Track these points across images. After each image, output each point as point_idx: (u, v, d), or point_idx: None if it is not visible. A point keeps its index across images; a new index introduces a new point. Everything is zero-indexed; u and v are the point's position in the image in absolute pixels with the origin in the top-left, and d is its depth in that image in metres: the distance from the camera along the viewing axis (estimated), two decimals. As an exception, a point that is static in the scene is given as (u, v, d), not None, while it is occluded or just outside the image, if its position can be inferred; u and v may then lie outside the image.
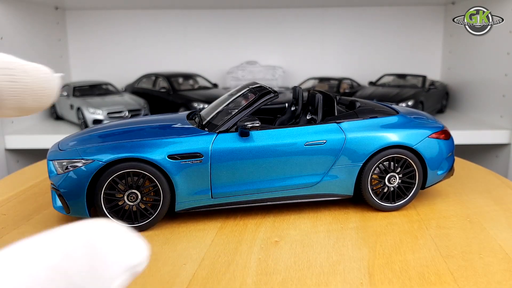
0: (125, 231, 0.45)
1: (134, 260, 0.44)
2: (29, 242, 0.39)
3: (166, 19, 3.80)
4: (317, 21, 3.79)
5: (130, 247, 0.44)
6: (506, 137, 2.72)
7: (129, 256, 0.43)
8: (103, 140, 1.40)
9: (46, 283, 0.36)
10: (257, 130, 1.39)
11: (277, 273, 1.10)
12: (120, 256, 0.43)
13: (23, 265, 0.37)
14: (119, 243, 0.43)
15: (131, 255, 0.43)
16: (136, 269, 0.44)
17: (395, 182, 1.48)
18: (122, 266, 0.42)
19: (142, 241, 0.45)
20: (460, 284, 1.05)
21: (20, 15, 3.06)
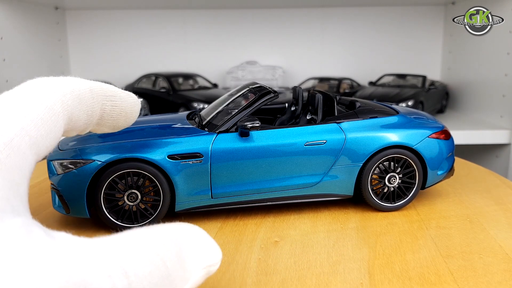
0: (205, 236, 0.57)
1: (211, 260, 0.54)
2: (135, 233, 0.53)
3: (166, 19, 3.80)
4: (317, 21, 3.79)
5: (208, 250, 0.54)
6: (506, 137, 2.72)
7: (207, 257, 0.53)
8: (103, 140, 1.40)
9: (150, 262, 0.48)
10: (257, 130, 1.39)
11: (277, 273, 1.10)
12: (200, 255, 0.53)
13: (136, 249, 0.49)
14: (200, 245, 0.54)
15: (208, 256, 0.54)
16: (211, 268, 0.54)
17: (395, 182, 1.48)
18: (201, 264, 0.53)
19: (217, 246, 0.56)
20: (460, 284, 1.05)
21: (20, 15, 3.06)
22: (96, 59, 3.83)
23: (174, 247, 0.52)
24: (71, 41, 3.79)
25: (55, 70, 3.58)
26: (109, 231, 1.35)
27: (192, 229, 0.56)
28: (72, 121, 0.61)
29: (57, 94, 0.59)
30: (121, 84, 3.68)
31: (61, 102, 0.58)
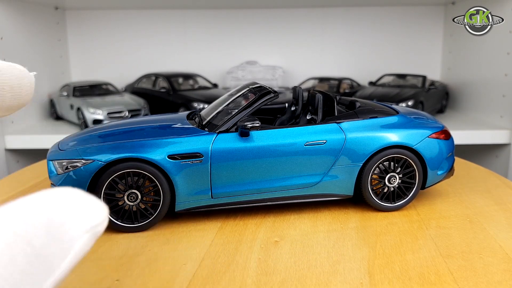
0: (82, 195, 0.47)
1: (93, 221, 0.45)
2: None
3: (166, 19, 3.80)
4: (317, 21, 3.79)
5: (88, 210, 0.46)
6: (506, 137, 2.72)
7: (88, 218, 0.45)
8: (103, 140, 1.40)
9: (8, 247, 0.39)
10: (257, 130, 1.39)
11: (277, 273, 1.10)
12: (78, 218, 0.44)
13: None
14: (76, 207, 0.45)
15: (90, 217, 0.45)
16: (97, 229, 0.46)
17: (395, 182, 1.48)
18: (82, 227, 0.44)
19: (100, 202, 0.47)
20: (460, 284, 1.05)
21: (20, 15, 3.06)
22: (96, 59, 3.83)
23: (40, 219, 0.43)
24: (71, 41, 3.79)
25: (55, 70, 3.58)
26: (109, 231, 1.36)
27: (62, 192, 0.46)
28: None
29: None
30: (121, 84, 3.67)
31: None
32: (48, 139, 2.67)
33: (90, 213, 0.45)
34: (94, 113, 2.85)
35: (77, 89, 3.16)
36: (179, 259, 1.18)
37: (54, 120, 3.32)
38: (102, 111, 2.85)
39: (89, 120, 2.84)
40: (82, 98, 3.03)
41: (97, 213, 0.46)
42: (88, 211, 0.45)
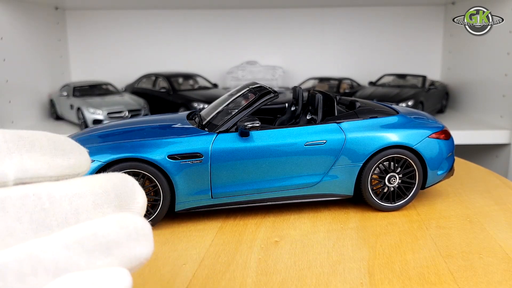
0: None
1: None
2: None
3: (166, 19, 3.80)
4: (317, 21, 3.79)
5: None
6: (506, 137, 2.72)
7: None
8: (103, 140, 1.40)
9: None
10: (257, 130, 1.39)
11: (277, 273, 1.10)
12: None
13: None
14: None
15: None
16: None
17: (395, 182, 1.48)
18: None
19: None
20: (460, 284, 1.05)
21: (20, 15, 3.06)
22: (96, 59, 3.83)
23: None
24: (71, 41, 3.79)
25: (55, 70, 3.58)
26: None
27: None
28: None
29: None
30: (121, 84, 3.67)
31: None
32: (48, 139, 2.66)
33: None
34: (94, 113, 2.85)
35: (77, 89, 3.16)
36: (179, 259, 1.18)
37: (54, 120, 3.32)
38: (102, 111, 2.85)
39: (89, 120, 2.84)
40: (82, 98, 3.03)
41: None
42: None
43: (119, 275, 0.44)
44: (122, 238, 0.45)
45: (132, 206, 0.49)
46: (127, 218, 0.46)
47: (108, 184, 0.48)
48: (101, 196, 0.47)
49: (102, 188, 0.47)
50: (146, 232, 0.46)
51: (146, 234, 0.46)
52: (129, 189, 0.49)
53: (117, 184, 0.48)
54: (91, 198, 0.46)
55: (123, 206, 0.48)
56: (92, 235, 0.43)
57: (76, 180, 0.47)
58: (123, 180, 0.49)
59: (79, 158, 0.49)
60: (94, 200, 0.46)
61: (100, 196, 0.47)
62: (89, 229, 0.43)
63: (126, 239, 0.45)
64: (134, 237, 0.45)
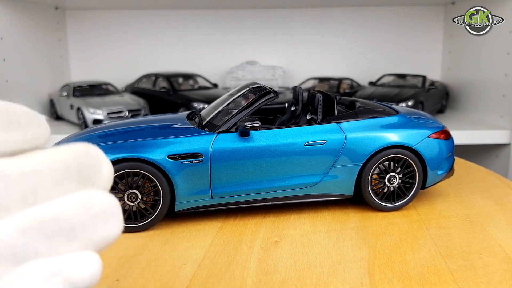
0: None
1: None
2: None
3: (166, 19, 3.80)
4: (317, 21, 3.79)
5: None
6: (506, 137, 2.72)
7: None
8: (103, 140, 1.40)
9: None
10: (257, 130, 1.39)
11: (277, 273, 1.10)
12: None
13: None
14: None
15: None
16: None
17: (395, 182, 1.48)
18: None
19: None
20: (460, 284, 1.05)
21: (20, 15, 3.06)
22: (96, 59, 3.83)
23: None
24: (71, 41, 3.79)
25: (55, 70, 3.58)
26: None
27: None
28: None
29: None
30: (121, 84, 3.67)
31: None
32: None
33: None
34: (94, 113, 2.85)
35: (77, 89, 3.16)
36: (179, 259, 1.18)
37: (54, 120, 3.32)
38: (102, 111, 2.85)
39: (89, 120, 2.84)
40: (82, 98, 3.03)
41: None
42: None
43: (87, 260, 0.40)
44: (86, 220, 0.41)
45: (97, 179, 0.45)
46: (92, 196, 0.42)
47: (69, 158, 0.43)
48: (62, 171, 0.42)
49: (63, 162, 0.43)
50: (114, 210, 0.43)
51: (113, 212, 0.43)
52: (92, 161, 0.45)
53: (79, 156, 0.44)
54: (50, 174, 0.42)
55: (87, 180, 0.44)
56: (52, 218, 0.39)
57: (33, 154, 0.43)
58: (85, 152, 0.45)
59: (36, 130, 0.44)
60: (54, 175, 0.42)
61: (60, 171, 0.42)
62: (48, 212, 0.39)
63: (91, 221, 0.41)
64: (100, 218, 0.41)
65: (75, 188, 0.43)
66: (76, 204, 0.41)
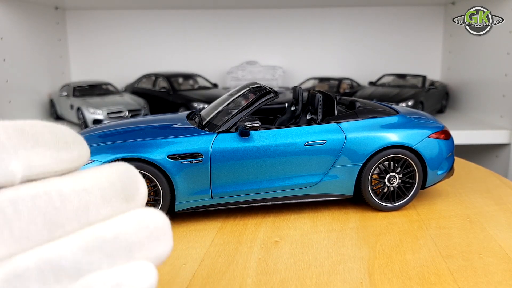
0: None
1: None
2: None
3: (166, 19, 3.80)
4: (317, 21, 3.79)
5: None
6: (506, 137, 2.72)
7: None
8: (103, 140, 1.40)
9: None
10: (257, 130, 1.39)
11: (277, 273, 1.10)
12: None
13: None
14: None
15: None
16: None
17: (395, 182, 1.48)
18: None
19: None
20: (460, 284, 1.05)
21: (20, 15, 3.06)
22: (96, 59, 3.83)
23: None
24: (71, 41, 3.79)
25: (55, 70, 3.58)
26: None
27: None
28: None
29: None
30: (121, 84, 3.67)
31: None
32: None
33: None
34: (94, 113, 2.85)
35: (77, 89, 3.16)
36: (179, 259, 1.18)
37: (54, 120, 3.32)
38: (102, 111, 2.85)
39: (89, 120, 2.84)
40: (82, 98, 3.03)
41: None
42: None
43: (145, 270, 0.42)
44: (143, 239, 0.43)
45: (137, 196, 0.48)
46: (147, 216, 0.44)
47: (114, 176, 0.47)
48: (108, 189, 0.45)
49: (108, 181, 0.46)
50: (166, 229, 0.45)
51: (166, 231, 0.45)
52: (132, 180, 0.48)
53: (121, 175, 0.47)
54: (99, 193, 0.44)
55: (129, 197, 0.47)
56: (113, 238, 0.41)
57: (81, 173, 0.45)
58: (126, 171, 0.48)
59: (80, 149, 0.47)
60: (102, 194, 0.45)
61: (107, 190, 0.45)
62: (109, 231, 0.42)
63: (147, 240, 0.43)
64: (155, 236, 0.44)
65: (120, 205, 0.46)
66: (133, 223, 0.43)
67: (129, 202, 0.47)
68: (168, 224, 0.45)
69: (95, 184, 0.45)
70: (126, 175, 0.48)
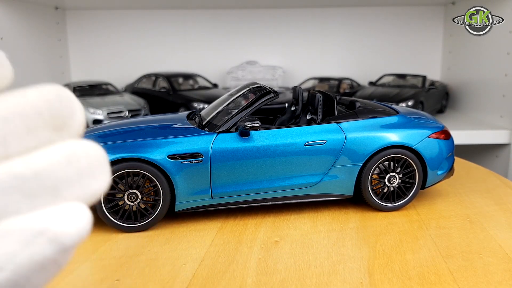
0: None
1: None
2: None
3: (166, 19, 3.80)
4: (317, 21, 3.79)
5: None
6: (506, 137, 2.72)
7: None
8: (103, 140, 1.40)
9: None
10: (257, 130, 1.39)
11: (277, 273, 1.10)
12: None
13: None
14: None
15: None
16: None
17: (395, 182, 1.48)
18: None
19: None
20: (460, 284, 1.05)
21: (20, 15, 3.06)
22: (96, 59, 3.83)
23: None
24: (71, 41, 3.79)
25: (55, 70, 3.58)
26: (109, 230, 1.36)
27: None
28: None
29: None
30: (121, 84, 3.67)
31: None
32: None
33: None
34: (94, 113, 2.85)
35: (77, 89, 3.16)
36: (179, 259, 1.18)
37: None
38: (102, 111, 2.85)
39: (89, 120, 2.84)
40: (82, 98, 3.03)
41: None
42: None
43: (74, 212, 0.35)
44: (72, 176, 0.36)
45: (71, 125, 0.40)
46: (77, 148, 0.37)
47: (41, 102, 0.39)
48: (34, 118, 0.38)
49: (35, 108, 0.38)
50: (102, 162, 0.38)
51: (100, 165, 0.38)
52: (65, 105, 0.40)
53: (51, 101, 0.39)
54: (22, 122, 0.37)
55: (61, 126, 0.39)
56: (34, 175, 0.35)
57: (0, 99, 0.38)
58: (58, 95, 0.40)
59: (0, 71, 0.40)
60: (26, 123, 0.37)
61: (33, 118, 0.38)
62: (29, 167, 0.35)
63: (77, 176, 0.36)
64: (87, 172, 0.37)
65: (49, 136, 0.39)
66: (59, 158, 0.36)
67: (60, 131, 0.39)
68: (104, 156, 0.38)
69: (16, 112, 0.37)
70: (56, 100, 0.40)
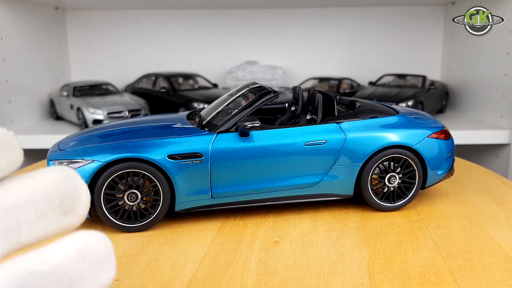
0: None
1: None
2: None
3: (166, 19, 3.80)
4: (317, 21, 3.79)
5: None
6: (506, 137, 2.72)
7: None
8: (103, 140, 1.40)
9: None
10: (257, 130, 1.39)
11: (277, 273, 1.10)
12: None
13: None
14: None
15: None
16: None
17: (395, 182, 1.48)
18: None
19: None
20: (460, 284, 1.05)
21: (20, 15, 3.06)
22: (96, 59, 3.83)
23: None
24: (71, 41, 3.79)
25: (55, 70, 3.58)
26: (109, 231, 1.36)
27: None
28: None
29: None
30: (121, 84, 3.67)
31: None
32: (48, 139, 2.66)
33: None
34: (94, 113, 2.85)
35: (77, 89, 3.16)
36: (179, 259, 1.18)
37: (54, 120, 3.32)
38: (102, 111, 2.85)
39: (89, 120, 2.84)
40: (82, 98, 3.03)
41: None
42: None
43: None
44: (85, 270, 0.37)
45: (77, 207, 0.42)
46: (88, 242, 0.38)
47: (50, 188, 0.40)
48: (44, 204, 0.39)
49: (44, 194, 0.39)
50: (109, 255, 0.39)
51: (109, 257, 0.39)
52: (72, 189, 0.41)
53: (60, 185, 0.40)
54: (33, 208, 0.38)
55: (69, 211, 0.41)
56: (52, 273, 0.35)
57: (11, 185, 0.38)
58: (65, 179, 0.41)
59: (11, 155, 0.39)
60: (37, 210, 0.38)
61: (43, 204, 0.39)
62: (47, 264, 0.35)
63: (89, 270, 0.37)
64: (98, 266, 0.38)
65: (58, 220, 0.40)
66: (73, 252, 0.37)
67: (69, 215, 0.41)
68: (111, 249, 0.40)
69: (28, 198, 0.38)
70: (64, 184, 0.41)
